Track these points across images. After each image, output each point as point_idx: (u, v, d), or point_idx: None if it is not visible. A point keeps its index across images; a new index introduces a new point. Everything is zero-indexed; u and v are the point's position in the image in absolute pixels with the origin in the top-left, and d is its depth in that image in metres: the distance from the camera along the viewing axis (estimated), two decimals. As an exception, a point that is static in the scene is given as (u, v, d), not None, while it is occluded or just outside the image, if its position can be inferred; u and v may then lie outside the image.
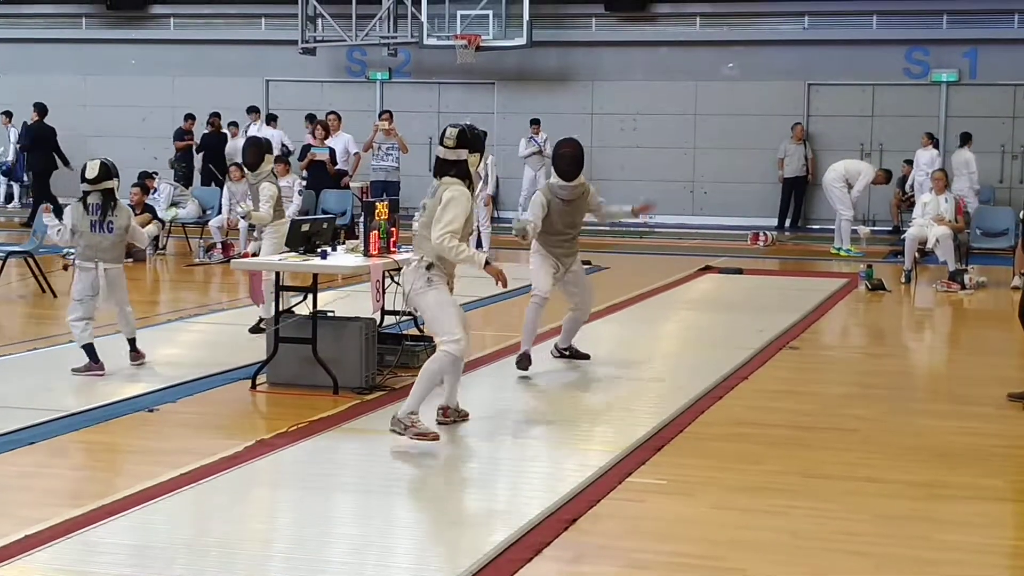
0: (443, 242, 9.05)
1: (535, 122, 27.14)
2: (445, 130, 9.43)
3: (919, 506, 7.98)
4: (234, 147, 26.64)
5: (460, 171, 9.31)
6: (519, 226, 11.49)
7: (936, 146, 25.48)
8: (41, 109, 26.14)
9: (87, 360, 11.47)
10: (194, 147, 27.87)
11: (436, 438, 9.11)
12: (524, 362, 11.84)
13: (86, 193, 11.60)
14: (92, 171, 11.55)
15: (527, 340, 11.91)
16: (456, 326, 9.20)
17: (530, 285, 12.00)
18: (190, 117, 28.24)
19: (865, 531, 7.43)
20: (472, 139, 9.35)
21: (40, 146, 25.97)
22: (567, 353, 12.43)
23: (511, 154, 27.06)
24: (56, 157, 25.98)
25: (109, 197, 11.57)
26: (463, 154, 9.31)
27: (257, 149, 13.71)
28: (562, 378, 11.73)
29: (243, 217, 13.35)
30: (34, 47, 32.19)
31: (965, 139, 24.69)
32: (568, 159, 11.67)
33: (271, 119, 27.51)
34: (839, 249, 22.48)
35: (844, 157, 27.07)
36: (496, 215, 24.25)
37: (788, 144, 27.79)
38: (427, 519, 7.69)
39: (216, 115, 27.53)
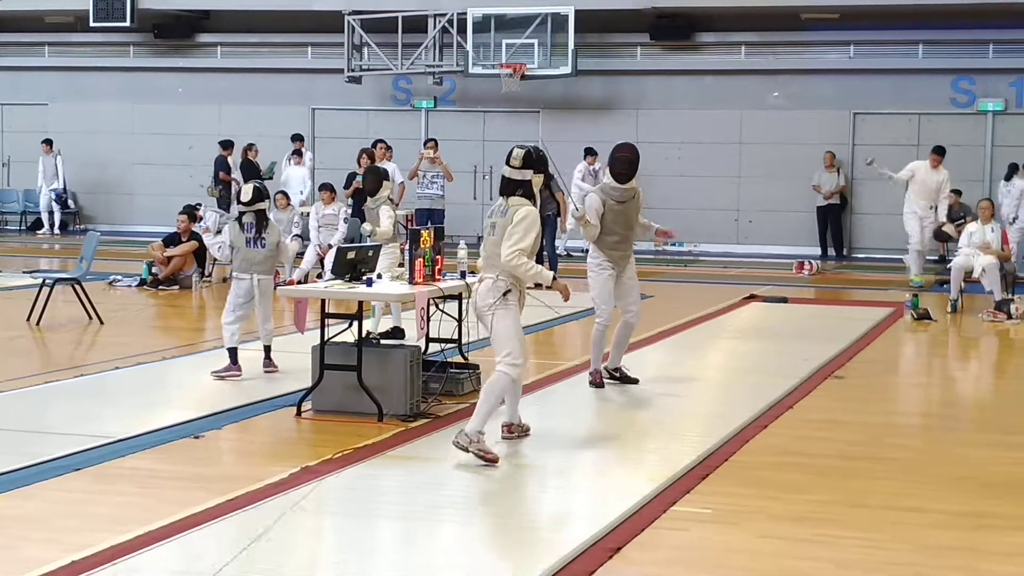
0: (512, 260, 9.45)
1: (591, 152, 26.76)
2: (512, 151, 9.76)
3: (965, 536, 7.93)
4: (288, 176, 26.60)
5: (526, 191, 9.68)
6: (580, 212, 12.12)
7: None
8: None
9: (227, 363, 12.62)
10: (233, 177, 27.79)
11: (496, 460, 9.39)
12: (597, 380, 12.43)
13: (242, 213, 12.78)
14: (247, 195, 12.74)
15: (596, 361, 12.49)
16: (520, 352, 9.59)
17: (588, 311, 12.57)
18: (228, 145, 28.12)
19: (910, 561, 7.39)
20: (537, 160, 9.73)
21: None
22: (616, 375, 12.62)
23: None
24: None
25: (262, 217, 12.76)
26: (528, 174, 9.67)
27: (376, 177, 14.79)
28: (607, 406, 11.71)
29: (368, 235, 14.33)
30: (82, 75, 32.47)
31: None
32: (625, 162, 12.08)
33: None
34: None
35: (888, 186, 27.07)
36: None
37: (821, 173, 27.75)
38: (471, 547, 7.68)
39: (251, 146, 27.27)
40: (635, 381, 12.59)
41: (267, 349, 12.95)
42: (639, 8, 28.30)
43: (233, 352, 12.64)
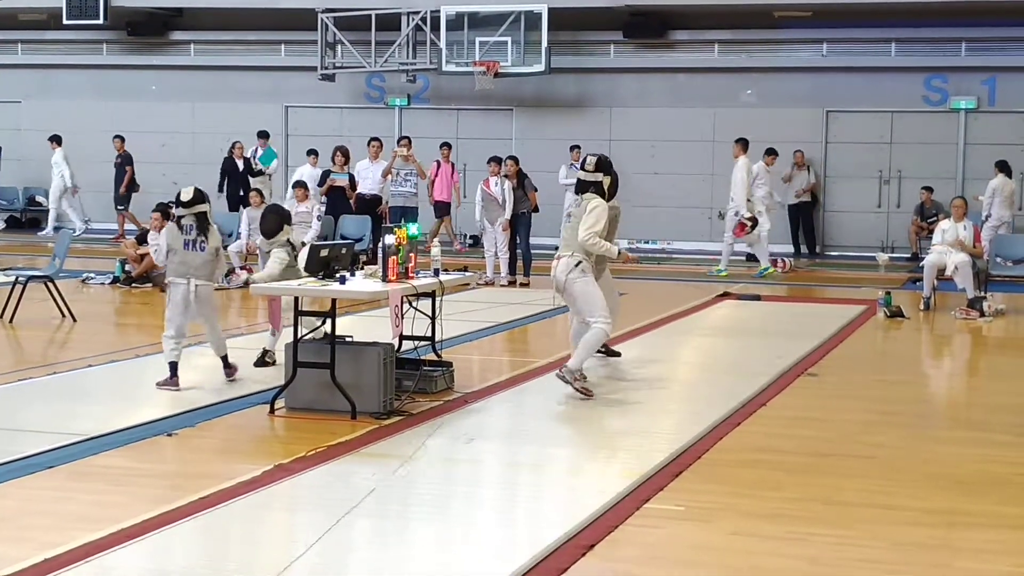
0: (589, 240, 11.80)
1: (575, 147, 26.85)
2: (586, 157, 12.43)
3: (938, 533, 7.95)
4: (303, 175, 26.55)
5: (598, 189, 12.08)
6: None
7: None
8: None
9: (168, 374, 11.98)
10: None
11: (592, 395, 11.73)
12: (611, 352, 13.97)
13: (181, 216, 12.27)
14: (186, 195, 12.23)
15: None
16: (604, 309, 11.94)
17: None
18: (119, 137, 28.52)
19: (883, 558, 7.41)
20: (606, 165, 12.20)
21: None
22: (602, 350, 13.57)
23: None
24: None
25: (202, 219, 12.20)
26: (599, 176, 12.11)
27: (277, 217, 13.40)
28: (579, 404, 11.71)
29: (244, 284, 13.61)
30: (55, 73, 32.39)
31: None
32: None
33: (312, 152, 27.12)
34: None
35: (862, 185, 27.30)
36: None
37: (793, 171, 27.77)
38: (444, 545, 7.68)
39: (238, 143, 27.65)
40: (618, 354, 14.06)
41: (223, 359, 12.49)
42: (612, 6, 28.31)
43: (173, 366, 11.98)
